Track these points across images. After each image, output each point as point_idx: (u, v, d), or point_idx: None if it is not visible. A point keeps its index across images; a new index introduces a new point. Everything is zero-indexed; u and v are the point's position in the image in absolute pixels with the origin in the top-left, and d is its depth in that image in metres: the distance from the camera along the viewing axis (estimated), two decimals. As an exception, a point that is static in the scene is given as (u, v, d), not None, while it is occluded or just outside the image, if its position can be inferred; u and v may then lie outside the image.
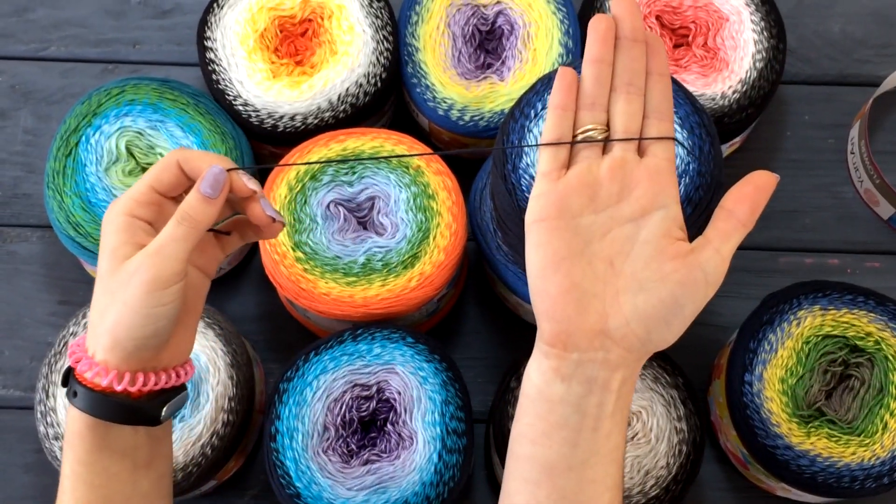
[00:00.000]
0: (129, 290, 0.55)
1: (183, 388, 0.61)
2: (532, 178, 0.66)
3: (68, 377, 0.58)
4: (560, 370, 0.56)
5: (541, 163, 0.59)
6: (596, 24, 0.58)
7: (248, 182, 0.59)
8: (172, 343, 0.59)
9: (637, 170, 0.58)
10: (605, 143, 0.59)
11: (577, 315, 0.56)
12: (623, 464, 0.58)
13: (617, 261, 0.57)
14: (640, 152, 0.59)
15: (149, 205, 0.58)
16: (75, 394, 0.57)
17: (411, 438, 0.74)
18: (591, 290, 0.56)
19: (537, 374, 0.57)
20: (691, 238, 0.58)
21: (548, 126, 0.59)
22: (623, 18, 0.59)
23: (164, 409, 0.59)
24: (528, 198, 0.65)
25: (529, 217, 0.58)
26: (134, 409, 0.57)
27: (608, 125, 0.59)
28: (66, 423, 0.58)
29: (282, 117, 0.84)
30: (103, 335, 0.56)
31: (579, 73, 0.60)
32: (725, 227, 0.56)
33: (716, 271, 0.55)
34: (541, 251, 0.57)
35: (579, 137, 0.59)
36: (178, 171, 0.58)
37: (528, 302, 0.80)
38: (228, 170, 0.59)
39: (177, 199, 0.60)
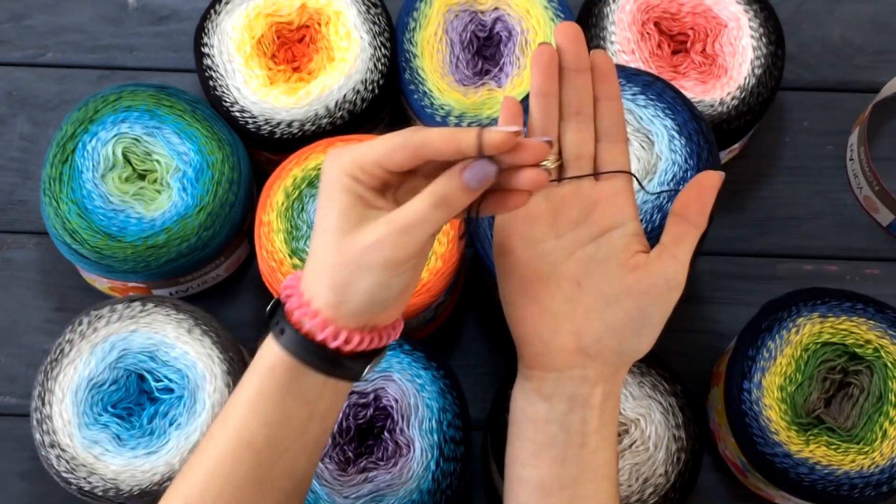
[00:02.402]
0: (368, 259, 0.52)
1: (380, 353, 0.58)
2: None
3: (275, 310, 0.56)
4: (541, 391, 0.58)
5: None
6: (538, 58, 0.58)
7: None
8: (390, 306, 0.57)
9: (593, 193, 0.59)
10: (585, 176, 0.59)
11: (551, 337, 0.58)
12: (617, 479, 0.59)
13: (583, 280, 0.58)
14: (597, 175, 0.60)
15: (374, 176, 0.53)
16: (283, 331, 0.54)
17: (408, 446, 0.74)
18: (561, 312, 0.58)
19: (521, 398, 0.59)
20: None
21: None
22: (565, 49, 0.58)
23: (368, 368, 0.56)
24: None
25: (496, 249, 0.60)
26: (339, 365, 0.55)
27: (560, 153, 0.59)
28: (260, 354, 0.56)
29: (279, 124, 0.83)
30: (328, 291, 0.53)
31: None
32: (678, 231, 0.57)
33: (676, 276, 0.57)
34: (510, 280, 0.59)
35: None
36: (412, 156, 0.53)
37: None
38: (482, 144, 0.52)
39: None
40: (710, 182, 0.58)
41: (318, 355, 0.54)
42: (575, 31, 0.58)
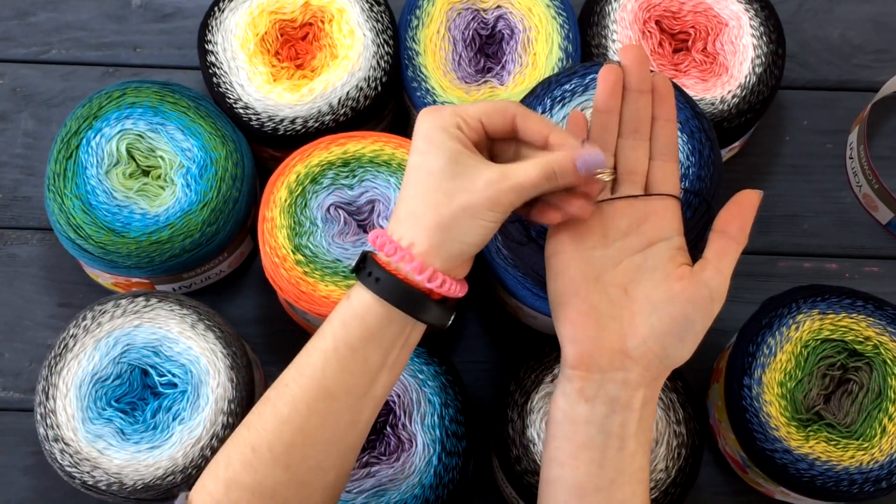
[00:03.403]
0: (475, 200, 0.57)
1: (454, 308, 0.62)
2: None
3: (364, 262, 0.59)
4: (584, 391, 0.59)
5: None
6: (605, 76, 0.62)
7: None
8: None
9: (644, 207, 0.62)
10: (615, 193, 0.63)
11: (597, 336, 0.60)
12: (648, 485, 0.60)
13: (630, 287, 0.61)
14: (646, 190, 0.63)
15: (471, 130, 0.59)
16: (377, 280, 0.58)
17: (411, 441, 0.75)
18: (608, 314, 0.60)
19: (562, 398, 0.60)
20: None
21: None
22: (630, 70, 0.62)
23: (452, 316, 0.60)
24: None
25: (549, 250, 0.63)
26: (427, 309, 0.58)
27: (615, 167, 0.63)
28: (349, 304, 0.59)
29: (282, 120, 0.84)
30: (433, 231, 0.57)
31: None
32: (720, 247, 0.60)
33: (719, 288, 0.59)
34: (559, 279, 0.61)
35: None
36: (510, 122, 0.60)
37: (528, 305, 0.80)
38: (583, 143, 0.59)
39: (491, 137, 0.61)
40: (749, 201, 0.61)
41: (412, 298, 0.58)
42: (641, 53, 0.62)
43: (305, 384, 0.59)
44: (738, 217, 0.60)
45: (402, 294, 0.58)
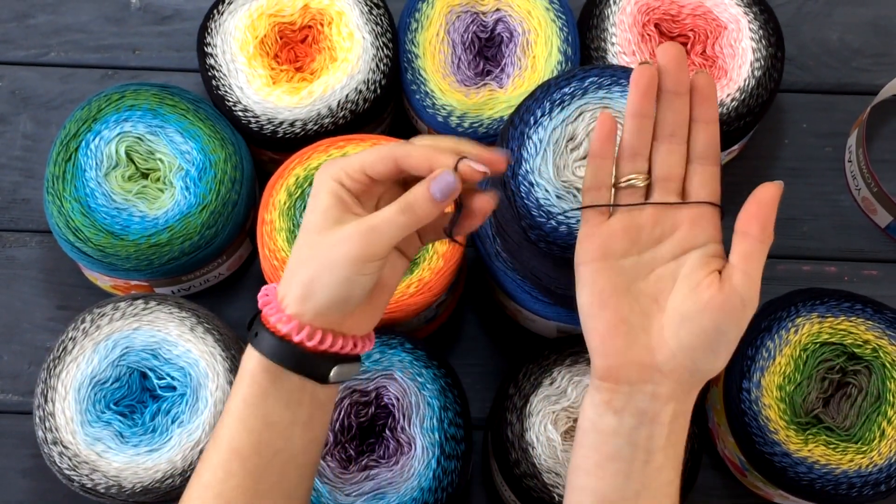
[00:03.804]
0: (334, 254, 0.57)
1: (358, 359, 0.62)
2: (531, 184, 0.66)
3: (254, 320, 0.60)
4: (612, 403, 0.58)
5: (585, 208, 0.61)
6: (638, 78, 0.58)
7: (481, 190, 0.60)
8: (357, 313, 0.60)
9: (678, 214, 0.59)
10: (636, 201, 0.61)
11: (626, 349, 0.58)
12: (677, 500, 0.59)
13: (661, 297, 0.59)
14: (683, 195, 0.60)
15: (357, 182, 0.59)
16: (256, 334, 0.59)
17: (410, 444, 0.75)
18: (638, 325, 0.58)
19: (590, 408, 0.59)
20: None
21: (588, 174, 0.60)
22: (668, 71, 0.58)
23: (334, 370, 0.59)
24: (526, 204, 0.66)
25: (577, 259, 0.60)
26: (306, 361, 0.58)
27: (649, 172, 0.60)
28: (242, 364, 0.60)
29: (281, 123, 0.84)
30: (297, 286, 0.58)
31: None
32: (744, 249, 0.57)
33: (750, 293, 0.57)
34: (588, 290, 0.59)
35: (623, 185, 0.60)
36: (393, 167, 0.58)
37: (527, 308, 0.80)
38: (457, 165, 0.57)
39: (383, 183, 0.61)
40: (769, 196, 0.57)
41: (287, 352, 0.58)
42: (679, 53, 0.58)
43: (218, 447, 0.59)
44: (757, 215, 0.57)
45: (277, 349, 0.58)
